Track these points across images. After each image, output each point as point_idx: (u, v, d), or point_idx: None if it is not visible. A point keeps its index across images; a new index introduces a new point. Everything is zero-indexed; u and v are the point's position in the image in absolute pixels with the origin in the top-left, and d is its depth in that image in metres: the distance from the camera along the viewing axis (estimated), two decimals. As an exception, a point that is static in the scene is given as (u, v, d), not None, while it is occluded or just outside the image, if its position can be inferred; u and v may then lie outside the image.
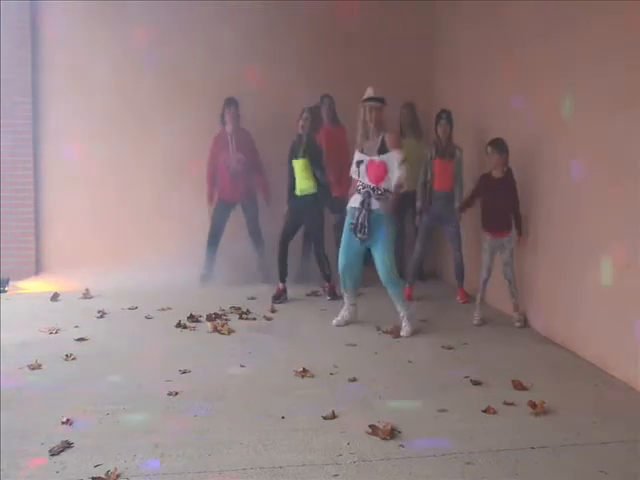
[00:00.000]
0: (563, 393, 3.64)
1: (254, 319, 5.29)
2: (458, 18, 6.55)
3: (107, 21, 6.84)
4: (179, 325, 5.03)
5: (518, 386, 3.69)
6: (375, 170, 4.81)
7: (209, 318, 5.18)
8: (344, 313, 5.20)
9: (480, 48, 5.95)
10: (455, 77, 6.67)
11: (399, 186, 4.81)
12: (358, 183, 4.91)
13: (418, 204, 5.98)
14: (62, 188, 6.88)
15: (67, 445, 2.95)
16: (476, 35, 6.05)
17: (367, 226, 4.77)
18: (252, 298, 5.91)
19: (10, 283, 6.45)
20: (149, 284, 6.20)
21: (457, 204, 5.78)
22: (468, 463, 2.82)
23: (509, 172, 5.04)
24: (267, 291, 6.04)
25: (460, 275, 6.01)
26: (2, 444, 2.95)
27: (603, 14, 3.99)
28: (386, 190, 4.80)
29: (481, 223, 5.18)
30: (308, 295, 6.12)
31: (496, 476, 2.72)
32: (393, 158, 4.78)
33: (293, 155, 5.85)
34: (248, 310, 5.46)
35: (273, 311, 5.52)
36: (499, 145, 5.01)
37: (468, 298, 5.80)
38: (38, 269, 6.89)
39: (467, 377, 3.85)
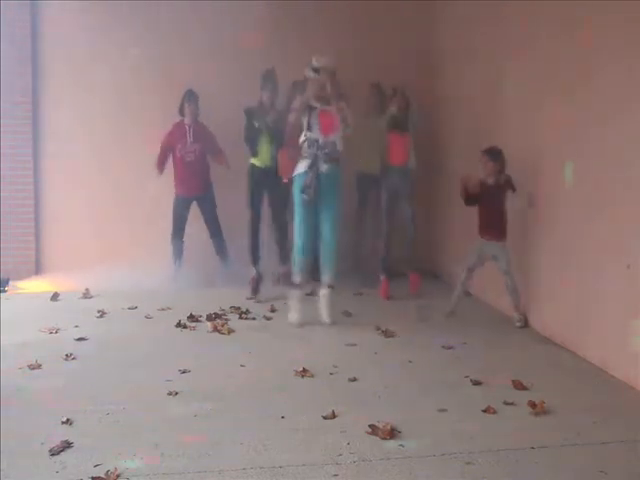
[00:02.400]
0: (563, 393, 3.64)
1: (254, 319, 5.29)
2: (459, 17, 6.55)
3: (107, 21, 6.83)
4: (179, 325, 5.03)
5: (518, 386, 3.69)
6: (329, 119, 4.81)
7: (209, 318, 5.18)
8: (299, 306, 5.06)
9: (481, 49, 5.95)
10: (456, 77, 6.67)
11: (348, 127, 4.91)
12: (303, 143, 4.85)
13: (384, 179, 5.96)
14: (62, 188, 6.88)
15: (67, 445, 2.95)
16: (477, 35, 6.04)
17: (314, 187, 4.74)
18: (252, 298, 5.91)
19: (10, 283, 6.44)
20: (149, 284, 6.19)
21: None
22: (468, 463, 2.81)
23: (508, 179, 4.99)
24: (267, 291, 6.04)
25: (410, 257, 5.96)
26: (2, 444, 2.95)
27: (605, 13, 3.98)
28: (335, 146, 4.82)
29: (478, 229, 5.12)
30: (308, 295, 6.11)
31: (496, 476, 2.72)
32: (345, 109, 4.85)
33: (255, 125, 5.81)
34: (248, 310, 5.46)
35: (273, 311, 5.52)
36: (493, 153, 4.98)
37: (418, 288, 5.78)
38: (38, 269, 6.89)
39: (467, 377, 3.85)
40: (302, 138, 4.91)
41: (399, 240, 6.08)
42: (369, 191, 6.38)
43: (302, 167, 4.87)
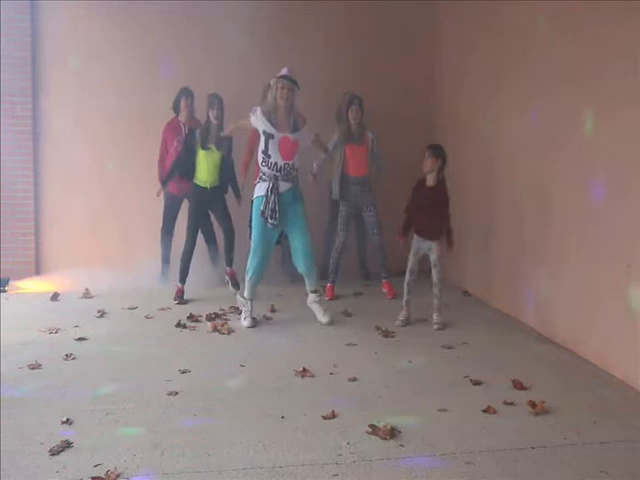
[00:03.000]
0: (563, 393, 3.64)
1: (254, 319, 5.29)
2: (459, 19, 6.55)
3: (107, 21, 6.83)
4: (179, 325, 5.04)
5: (518, 386, 3.69)
6: (289, 147, 4.86)
7: (209, 318, 5.18)
8: (249, 309, 5.10)
9: (482, 50, 5.95)
10: (455, 77, 6.67)
11: (326, 150, 5.22)
12: (262, 168, 4.90)
13: (335, 190, 5.95)
14: (62, 188, 6.88)
15: (67, 445, 2.95)
16: (478, 36, 6.05)
17: (277, 210, 4.80)
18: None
19: (10, 283, 6.45)
20: (149, 284, 6.20)
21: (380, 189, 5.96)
22: (468, 463, 2.82)
23: (443, 182, 4.92)
24: (266, 291, 6.04)
25: (384, 263, 5.97)
26: (2, 444, 2.95)
27: (606, 15, 3.98)
28: (293, 168, 4.90)
29: (413, 228, 5.03)
30: (307, 295, 6.11)
31: (496, 476, 2.72)
32: (305, 136, 4.95)
33: (202, 144, 5.85)
34: (248, 310, 5.45)
35: (273, 311, 5.52)
36: (436, 149, 4.91)
37: (394, 293, 5.77)
38: (38, 269, 6.89)
39: (467, 377, 3.85)
40: (261, 160, 4.94)
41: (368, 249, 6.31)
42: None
43: (261, 190, 4.90)
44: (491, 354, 4.38)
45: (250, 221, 5.01)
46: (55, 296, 5.94)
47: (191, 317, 5.21)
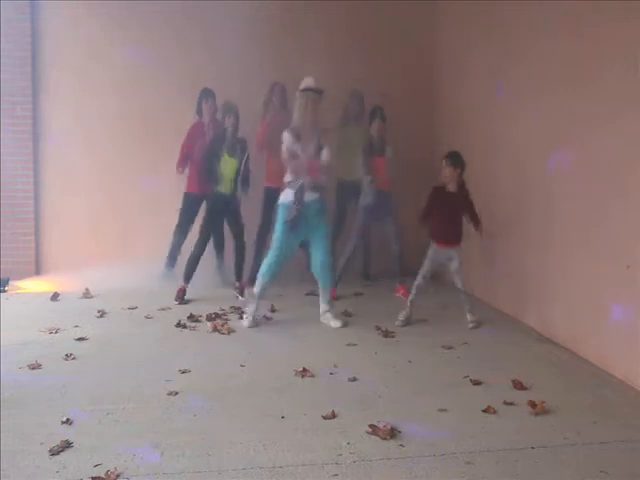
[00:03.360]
0: (563, 393, 3.65)
1: (255, 319, 5.29)
2: (459, 19, 6.55)
3: (107, 21, 6.83)
4: (179, 325, 5.03)
5: (518, 386, 3.69)
6: (313, 167, 4.93)
7: (209, 318, 5.18)
8: (254, 309, 5.12)
9: (482, 50, 5.95)
10: (455, 77, 6.67)
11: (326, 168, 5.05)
12: (289, 176, 4.95)
13: (364, 199, 5.91)
14: (62, 188, 6.88)
15: (67, 445, 2.95)
16: (478, 36, 6.05)
17: (303, 219, 4.87)
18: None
19: (10, 283, 6.45)
20: (149, 284, 6.19)
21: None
22: (468, 463, 2.82)
23: (463, 186, 4.97)
24: (267, 290, 6.03)
25: (400, 271, 5.99)
26: (2, 444, 2.95)
27: (606, 15, 3.98)
28: (322, 181, 4.96)
29: (431, 234, 5.05)
30: (307, 295, 6.12)
31: (496, 476, 2.72)
32: (325, 155, 4.97)
33: (218, 151, 5.86)
34: (248, 310, 5.46)
35: (273, 311, 5.52)
36: (454, 158, 4.93)
37: (408, 294, 5.72)
38: (38, 269, 6.89)
39: (467, 377, 3.85)
40: (289, 167, 5.00)
41: (383, 256, 6.21)
42: (348, 201, 6.34)
43: (288, 197, 4.94)
44: (491, 354, 4.38)
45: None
46: (55, 296, 5.94)
47: (191, 317, 5.21)
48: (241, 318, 5.28)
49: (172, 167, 6.83)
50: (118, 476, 2.68)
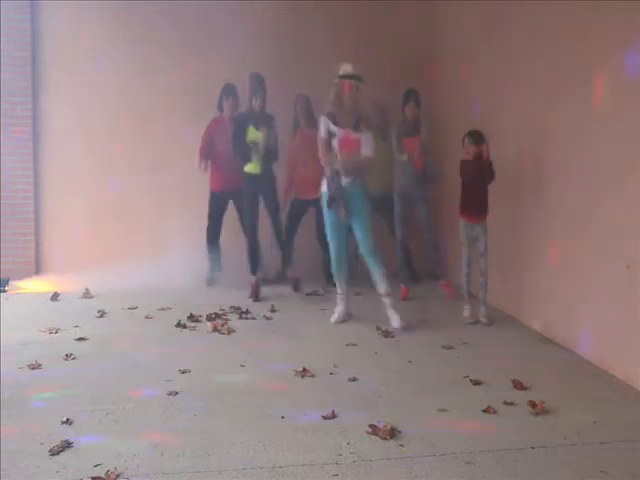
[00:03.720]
0: (563, 393, 3.64)
1: (254, 319, 5.29)
2: (460, 19, 6.55)
3: (107, 21, 6.84)
4: (179, 325, 5.04)
5: (518, 386, 3.69)
6: (349, 144, 4.90)
7: (209, 318, 5.18)
8: (340, 309, 5.22)
9: (482, 50, 5.95)
10: (455, 77, 6.67)
11: (368, 160, 5.01)
12: (324, 162, 4.96)
13: (397, 183, 5.96)
14: (62, 188, 6.89)
15: (67, 445, 2.94)
16: (478, 36, 6.05)
17: (340, 199, 4.85)
18: (256, 300, 5.88)
19: (10, 283, 6.45)
20: (149, 284, 6.20)
21: (431, 179, 5.92)
22: (468, 463, 2.81)
23: (487, 160, 5.01)
24: (267, 290, 6.04)
25: (437, 261, 6.00)
26: (2, 444, 2.95)
27: (607, 14, 3.98)
28: (356, 162, 4.92)
29: (459, 209, 5.14)
30: (308, 295, 6.12)
31: (496, 476, 2.72)
32: (367, 138, 4.95)
33: (244, 130, 5.82)
34: (248, 310, 5.46)
35: (273, 311, 5.52)
36: (475, 136, 5.00)
37: (455, 292, 5.76)
38: (38, 269, 6.90)
39: (467, 377, 3.85)
40: (324, 147, 5.02)
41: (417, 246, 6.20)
42: (384, 212, 6.31)
43: (324, 186, 5.00)
44: (491, 354, 4.38)
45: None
46: (55, 296, 5.95)
47: (191, 317, 5.21)
48: (241, 318, 5.29)
49: (172, 167, 6.88)
50: (118, 476, 2.67)
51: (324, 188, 5.00)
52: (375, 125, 6.39)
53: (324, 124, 4.97)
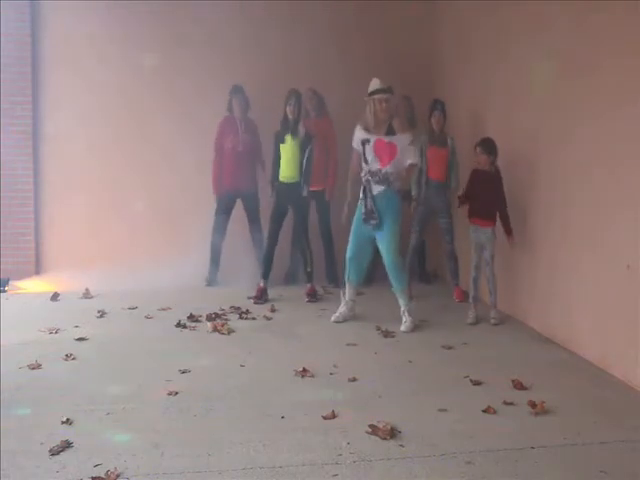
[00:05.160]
0: (563, 393, 3.64)
1: (254, 319, 5.29)
2: (459, 19, 6.55)
3: (107, 21, 6.83)
4: (179, 325, 5.03)
5: (518, 386, 3.69)
6: (384, 149, 4.90)
7: (209, 318, 5.18)
8: (342, 309, 5.21)
9: (482, 50, 5.95)
10: (455, 77, 6.67)
11: (413, 165, 5.05)
12: (362, 172, 4.97)
13: (414, 192, 5.97)
14: (62, 188, 6.88)
15: (67, 445, 2.94)
16: (477, 36, 6.05)
17: (374, 211, 4.87)
18: (252, 298, 5.90)
19: (10, 283, 6.45)
20: (149, 284, 6.20)
21: (453, 194, 5.81)
22: (468, 463, 2.81)
23: (497, 169, 5.11)
24: (267, 290, 6.03)
25: (454, 270, 6.02)
26: (2, 444, 2.95)
27: (603, 13, 3.98)
28: (388, 173, 4.89)
29: (468, 213, 5.19)
30: (308, 294, 6.11)
31: (496, 476, 2.72)
32: (403, 139, 4.93)
33: (280, 140, 5.82)
34: (248, 310, 5.46)
35: (273, 311, 5.52)
36: (487, 145, 5.05)
37: (464, 297, 5.78)
38: (38, 269, 6.89)
39: (467, 377, 3.85)
40: (359, 158, 5.06)
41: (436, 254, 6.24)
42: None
43: (361, 193, 5.00)
44: (491, 354, 4.38)
45: None
46: (55, 296, 5.94)
47: (191, 317, 5.21)
48: (241, 318, 5.29)
49: (172, 167, 6.86)
50: (118, 476, 2.67)
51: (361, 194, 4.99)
52: (405, 117, 6.40)
53: (357, 132, 5.01)
